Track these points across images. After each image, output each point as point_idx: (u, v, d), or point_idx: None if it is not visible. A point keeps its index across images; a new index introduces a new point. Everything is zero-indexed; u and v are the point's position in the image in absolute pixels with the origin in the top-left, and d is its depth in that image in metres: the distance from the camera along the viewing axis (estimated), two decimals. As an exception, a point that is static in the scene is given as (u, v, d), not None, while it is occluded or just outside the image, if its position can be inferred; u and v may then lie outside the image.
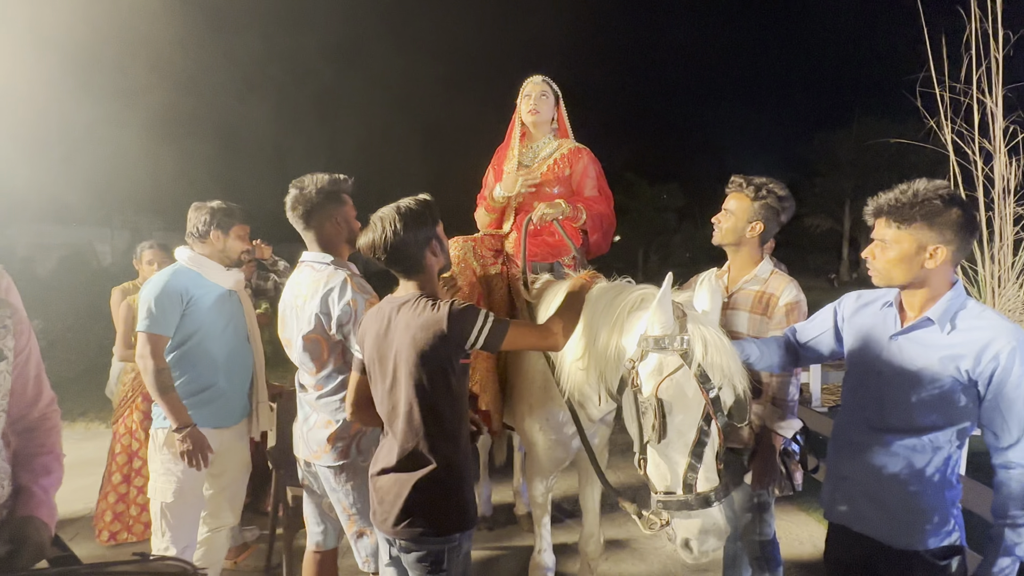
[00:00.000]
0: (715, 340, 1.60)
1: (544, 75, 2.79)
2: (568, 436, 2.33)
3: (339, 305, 1.99)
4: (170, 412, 2.32)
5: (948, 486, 1.60)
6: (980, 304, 1.60)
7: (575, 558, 3.03)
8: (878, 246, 1.60)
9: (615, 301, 1.87)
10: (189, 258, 2.50)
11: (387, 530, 1.72)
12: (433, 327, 1.63)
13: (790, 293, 2.14)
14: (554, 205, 2.54)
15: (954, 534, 1.60)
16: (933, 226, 1.52)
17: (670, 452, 1.59)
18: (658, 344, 1.61)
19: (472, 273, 2.63)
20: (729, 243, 2.25)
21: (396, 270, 1.78)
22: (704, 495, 1.56)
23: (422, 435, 1.67)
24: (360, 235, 1.81)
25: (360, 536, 2.12)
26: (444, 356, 1.65)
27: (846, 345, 1.81)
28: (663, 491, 1.62)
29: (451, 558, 1.68)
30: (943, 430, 1.56)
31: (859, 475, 1.69)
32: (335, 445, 2.07)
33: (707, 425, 1.56)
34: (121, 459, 3.38)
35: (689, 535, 1.57)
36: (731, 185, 2.25)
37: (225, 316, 2.51)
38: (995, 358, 1.47)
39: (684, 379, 1.57)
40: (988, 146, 5.87)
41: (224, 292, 2.53)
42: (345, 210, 2.14)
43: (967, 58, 5.88)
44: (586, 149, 2.79)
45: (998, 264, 5.80)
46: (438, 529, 1.68)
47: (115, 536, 3.33)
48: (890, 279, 1.60)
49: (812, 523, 3.66)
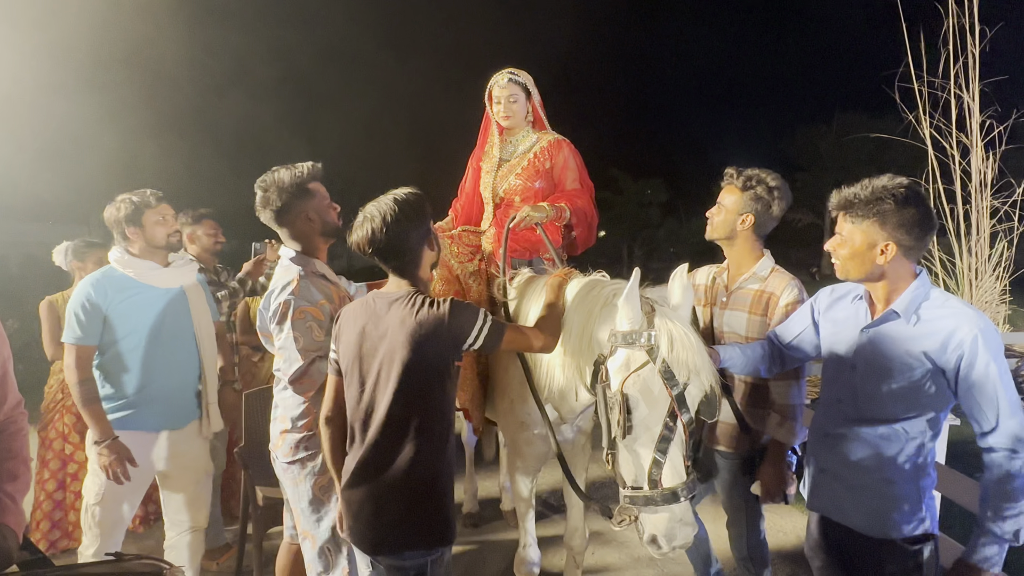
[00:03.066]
0: (681, 336, 1.58)
1: (523, 69, 2.70)
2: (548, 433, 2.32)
3: (273, 304, 1.97)
4: (93, 423, 2.26)
5: (922, 475, 1.63)
6: (944, 293, 1.62)
7: (560, 552, 3.03)
8: (837, 239, 1.65)
9: (589, 295, 1.85)
10: (117, 260, 2.39)
11: (366, 548, 1.66)
12: (433, 324, 1.57)
13: (791, 292, 2.04)
14: (538, 208, 2.48)
15: (926, 522, 1.63)
16: (885, 225, 1.55)
17: (636, 447, 1.58)
18: (626, 339, 1.60)
19: (449, 271, 2.59)
20: (720, 237, 2.18)
21: (390, 265, 1.70)
22: (671, 491, 1.54)
23: (407, 441, 1.60)
24: (352, 230, 1.71)
25: (304, 539, 2.05)
26: (442, 356, 1.60)
27: (823, 339, 1.83)
28: (631, 486, 1.61)
29: (434, 570, 1.65)
30: (915, 419, 1.59)
31: (836, 466, 1.73)
32: (286, 439, 2.01)
33: (672, 421, 1.55)
34: (54, 464, 3.27)
35: (656, 531, 1.55)
36: (724, 178, 2.20)
37: (161, 316, 2.39)
38: (960, 345, 1.50)
39: (649, 375, 1.56)
40: (965, 140, 5.96)
41: (162, 291, 2.41)
42: (315, 203, 2.06)
43: (944, 53, 5.96)
44: (566, 141, 2.74)
45: (975, 256, 5.90)
46: (424, 544, 1.62)
47: (55, 544, 3.24)
48: (847, 273, 1.65)
49: (796, 514, 3.69)
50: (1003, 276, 5.87)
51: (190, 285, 2.54)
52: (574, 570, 2.58)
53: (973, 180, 5.91)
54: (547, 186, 2.70)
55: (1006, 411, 1.49)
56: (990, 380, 1.48)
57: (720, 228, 2.17)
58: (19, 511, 1.42)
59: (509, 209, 2.69)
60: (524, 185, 2.68)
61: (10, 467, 1.46)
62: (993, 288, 5.84)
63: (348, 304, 1.80)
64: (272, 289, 2.02)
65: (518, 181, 2.68)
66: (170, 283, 2.45)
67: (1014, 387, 1.51)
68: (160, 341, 2.39)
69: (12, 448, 1.48)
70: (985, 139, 5.88)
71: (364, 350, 1.64)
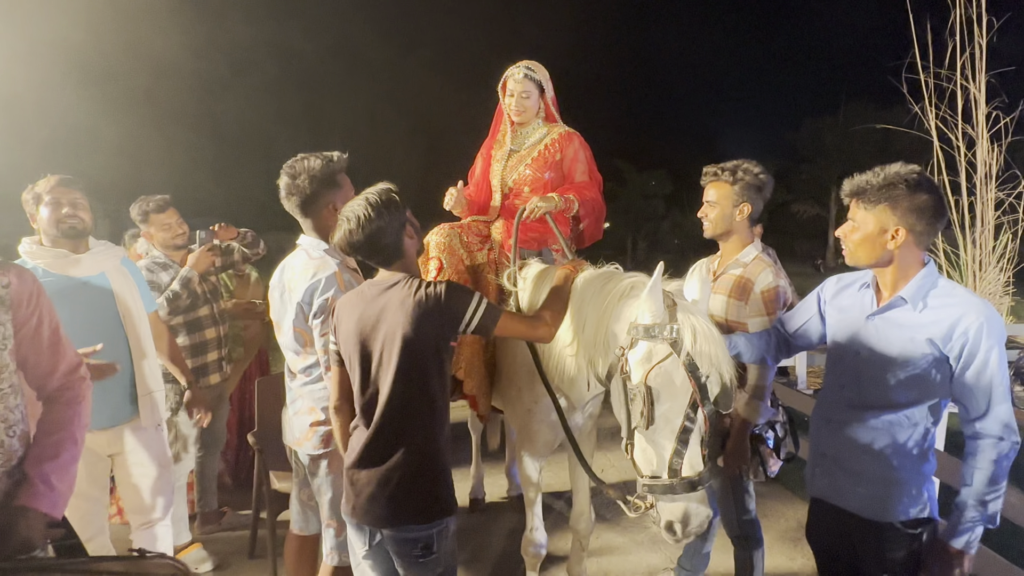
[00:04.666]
0: (704, 329, 1.63)
1: (531, 61, 2.72)
2: (557, 419, 2.37)
3: (318, 300, 1.93)
4: None
5: (923, 460, 1.66)
6: (951, 282, 1.66)
7: (566, 536, 3.09)
8: (848, 226, 1.68)
9: (605, 288, 1.88)
10: (27, 252, 2.23)
11: (371, 522, 1.70)
12: (432, 303, 1.62)
13: (766, 279, 2.13)
14: (547, 199, 2.52)
15: (927, 507, 1.67)
16: (896, 209, 1.58)
17: (657, 438, 1.63)
18: (648, 332, 1.64)
19: (459, 261, 2.63)
20: (719, 232, 2.25)
21: (376, 261, 1.74)
22: (689, 479, 1.60)
23: (411, 419, 1.66)
24: (331, 233, 1.74)
25: (328, 527, 2.09)
26: (439, 335, 1.65)
27: (828, 327, 1.86)
28: (649, 475, 1.66)
29: (440, 541, 1.70)
30: (918, 405, 1.63)
31: (838, 451, 1.76)
32: (317, 431, 2.03)
33: (693, 412, 1.60)
34: None
35: (673, 518, 1.62)
36: (706, 176, 2.26)
37: (77, 307, 2.19)
38: (964, 333, 1.53)
39: (673, 367, 1.61)
40: (971, 132, 5.96)
41: (76, 281, 2.23)
42: (342, 194, 2.02)
43: (951, 44, 5.94)
44: (576, 134, 2.77)
45: (979, 248, 5.91)
46: (428, 516, 1.67)
47: None
48: (857, 258, 1.68)
49: (796, 500, 3.75)
50: (1007, 268, 5.88)
51: (114, 273, 2.35)
52: (579, 553, 2.64)
53: (978, 171, 5.91)
54: (556, 177, 2.74)
55: (998, 398, 1.53)
56: (989, 368, 1.53)
57: (719, 223, 2.23)
58: (53, 493, 1.38)
59: (517, 199, 2.73)
60: (534, 175, 2.72)
61: (55, 441, 1.41)
62: (997, 280, 5.85)
63: (343, 295, 1.83)
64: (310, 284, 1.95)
65: (528, 171, 2.73)
66: (87, 271, 2.27)
67: (1008, 374, 1.56)
68: (78, 333, 2.10)
69: (62, 419, 1.44)
70: (991, 130, 5.87)
71: (364, 335, 1.68)
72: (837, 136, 30.07)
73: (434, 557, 1.69)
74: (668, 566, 2.98)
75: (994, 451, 1.53)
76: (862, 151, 27.67)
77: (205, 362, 3.14)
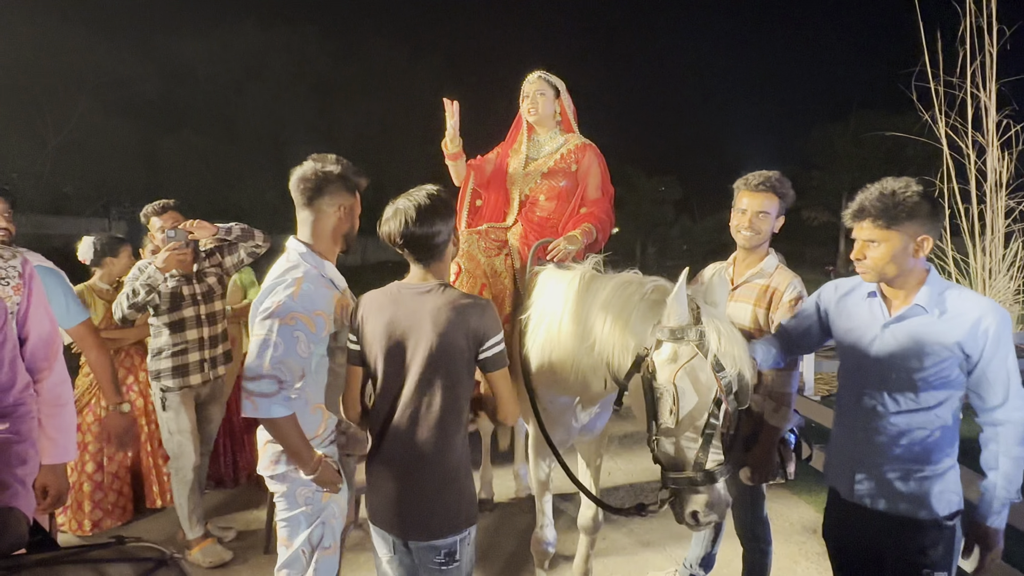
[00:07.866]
0: (728, 331, 1.72)
1: (544, 68, 2.82)
2: (570, 420, 2.41)
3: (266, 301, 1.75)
4: None
5: (954, 449, 1.74)
6: (956, 284, 1.75)
7: (573, 536, 3.12)
8: (867, 246, 1.71)
9: (626, 291, 1.95)
10: None
11: (397, 533, 1.73)
12: (470, 313, 1.67)
13: (795, 289, 2.21)
14: (571, 240, 2.57)
15: (960, 494, 1.75)
16: (915, 220, 1.65)
17: (681, 434, 1.71)
18: (674, 334, 1.71)
19: (478, 265, 2.69)
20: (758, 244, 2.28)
21: (418, 256, 1.74)
22: (711, 472, 1.69)
23: (439, 427, 1.69)
24: (383, 222, 1.73)
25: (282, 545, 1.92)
26: (469, 347, 1.69)
27: (837, 335, 1.92)
28: (673, 469, 1.74)
29: (463, 548, 1.75)
30: (944, 404, 1.70)
31: (876, 459, 1.78)
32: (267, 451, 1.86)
33: (717, 409, 1.68)
34: (93, 447, 3.38)
35: (696, 507, 1.70)
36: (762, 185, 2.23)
37: None
38: (985, 332, 1.63)
39: (699, 367, 1.69)
40: (981, 140, 5.95)
41: None
42: (353, 206, 1.98)
43: (962, 52, 5.95)
44: (592, 145, 2.84)
45: (989, 256, 5.89)
46: (455, 528, 1.72)
47: (99, 524, 3.35)
48: (883, 274, 1.72)
49: (803, 505, 3.76)
50: (1017, 276, 5.86)
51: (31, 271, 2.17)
52: (586, 552, 2.68)
53: (988, 179, 5.90)
54: (571, 184, 2.82)
55: (1016, 386, 1.63)
56: (1009, 360, 1.63)
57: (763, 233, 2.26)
58: (29, 495, 1.43)
59: (534, 207, 2.82)
60: (549, 184, 2.80)
61: (20, 450, 1.45)
62: (1007, 288, 5.83)
63: (368, 294, 1.81)
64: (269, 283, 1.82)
65: (544, 180, 2.81)
66: None
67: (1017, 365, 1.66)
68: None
69: (22, 431, 1.47)
70: (1001, 138, 5.86)
71: (394, 339, 1.70)
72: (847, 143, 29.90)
73: (457, 564, 1.74)
74: (674, 567, 3.01)
75: (1017, 433, 1.63)
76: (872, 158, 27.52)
77: (186, 362, 3.03)
